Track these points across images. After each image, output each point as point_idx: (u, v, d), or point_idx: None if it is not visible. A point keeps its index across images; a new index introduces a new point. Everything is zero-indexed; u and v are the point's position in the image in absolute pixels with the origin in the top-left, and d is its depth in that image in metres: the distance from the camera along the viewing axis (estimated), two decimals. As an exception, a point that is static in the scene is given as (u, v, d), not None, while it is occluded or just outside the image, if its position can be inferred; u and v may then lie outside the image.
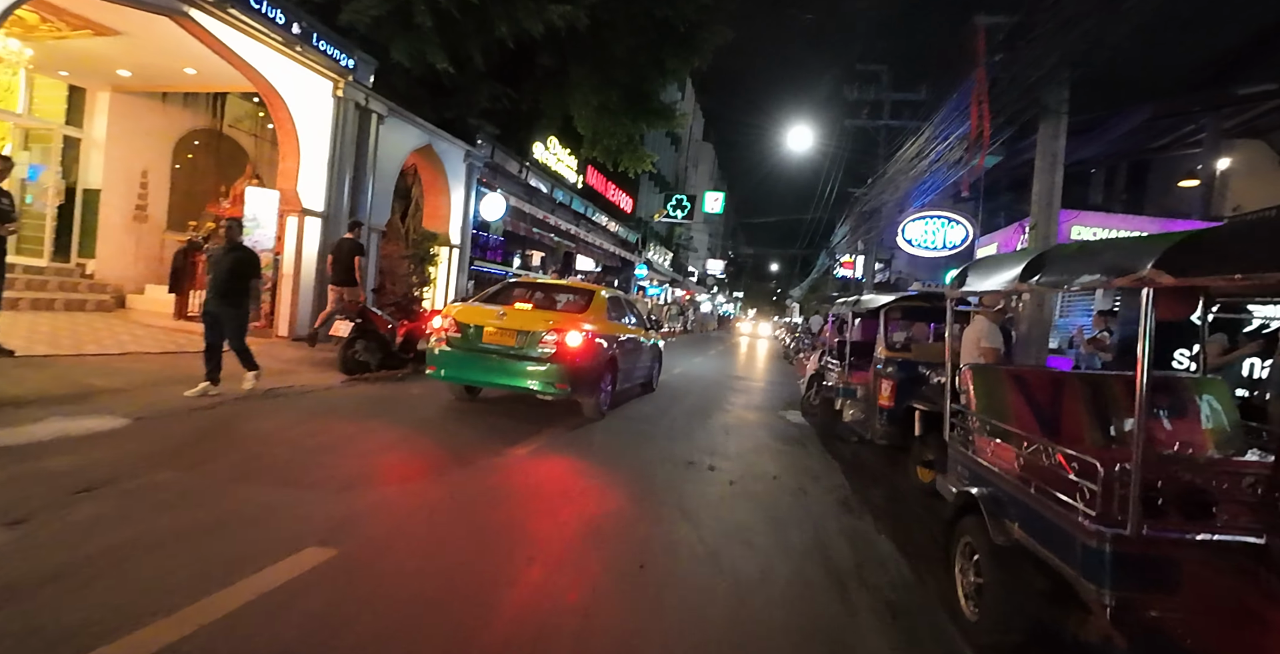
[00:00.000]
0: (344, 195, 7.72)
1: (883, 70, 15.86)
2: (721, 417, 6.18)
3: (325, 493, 2.77)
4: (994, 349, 3.67)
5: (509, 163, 12.45)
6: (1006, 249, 8.38)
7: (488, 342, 4.59)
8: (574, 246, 17.36)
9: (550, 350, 4.49)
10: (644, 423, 5.31)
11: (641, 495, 3.32)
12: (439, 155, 9.84)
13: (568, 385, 4.54)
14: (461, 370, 4.70)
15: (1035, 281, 2.08)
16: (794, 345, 16.47)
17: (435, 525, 2.55)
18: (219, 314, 4.40)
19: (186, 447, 3.24)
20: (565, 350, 4.49)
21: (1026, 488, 1.94)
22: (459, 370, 4.70)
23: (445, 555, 2.28)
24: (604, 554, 2.49)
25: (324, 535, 2.27)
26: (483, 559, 2.27)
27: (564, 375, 4.49)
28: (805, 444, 5.20)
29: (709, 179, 40.30)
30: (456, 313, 4.82)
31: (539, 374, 4.49)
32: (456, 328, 4.68)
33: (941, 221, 10.07)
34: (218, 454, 3.18)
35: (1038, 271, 2.09)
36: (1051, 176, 6.09)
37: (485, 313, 4.73)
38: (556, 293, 5.69)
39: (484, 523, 2.65)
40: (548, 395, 4.65)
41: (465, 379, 4.86)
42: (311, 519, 2.44)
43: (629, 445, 4.48)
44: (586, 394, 4.82)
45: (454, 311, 4.88)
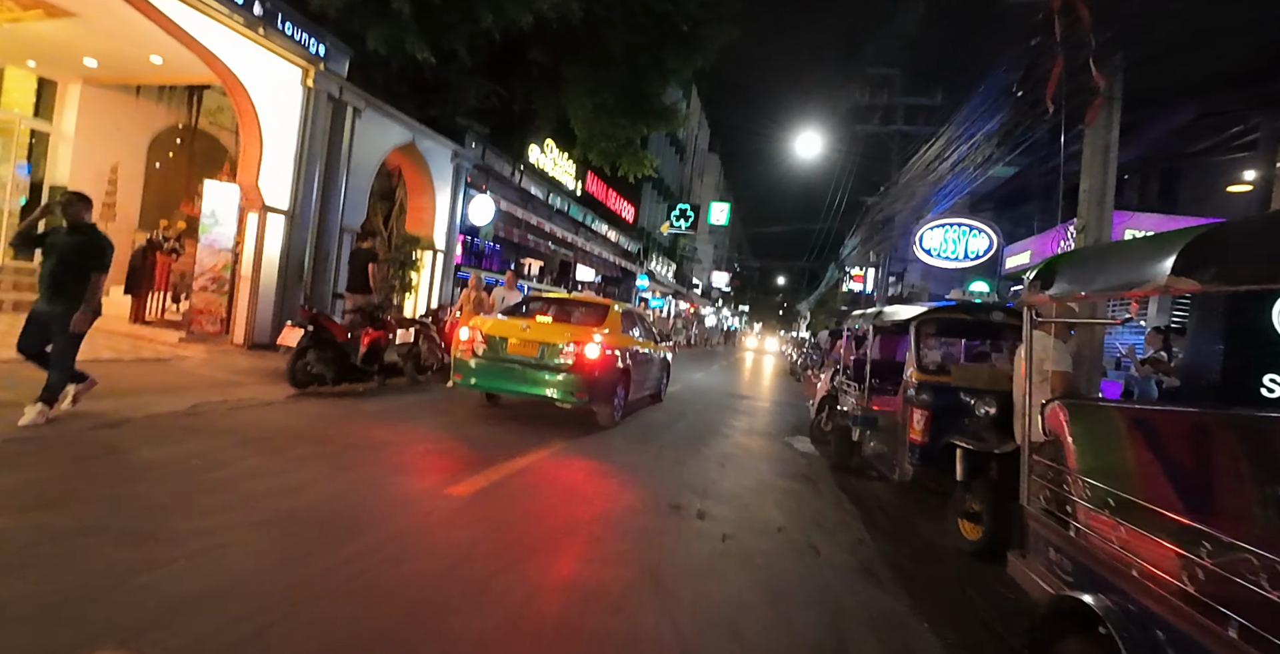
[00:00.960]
0: (313, 192, 7.10)
1: (895, 74, 15.30)
2: (719, 444, 5.38)
3: (179, 558, 2.01)
4: (1065, 375, 2.88)
5: (501, 165, 11.89)
6: (1043, 256, 7.58)
7: (511, 353, 4.93)
8: (572, 255, 16.74)
9: (569, 362, 4.77)
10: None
11: (605, 557, 2.54)
12: (423, 154, 9.27)
13: (585, 394, 4.82)
14: (487, 379, 5.03)
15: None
16: (801, 361, 15.62)
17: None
18: (47, 315, 3.32)
19: (32, 484, 2.51)
20: (583, 362, 4.77)
21: (1207, 618, 1.15)
22: (484, 379, 5.03)
23: None
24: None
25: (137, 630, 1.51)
26: None
27: (582, 385, 4.77)
28: (815, 481, 4.39)
29: (715, 190, 39.87)
30: (483, 326, 5.15)
31: (559, 384, 4.79)
32: (483, 340, 5.02)
33: (963, 230, 9.31)
34: (66, 494, 2.44)
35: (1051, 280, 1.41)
36: (1104, 172, 5.35)
37: (510, 326, 5.10)
38: (574, 307, 5.88)
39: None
40: (567, 404, 4.89)
41: (490, 387, 5.15)
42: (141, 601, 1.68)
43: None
44: (602, 403, 5.07)
45: (481, 325, 5.21)
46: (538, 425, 5.09)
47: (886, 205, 14.21)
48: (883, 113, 15.30)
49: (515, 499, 3.16)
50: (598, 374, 4.84)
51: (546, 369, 4.83)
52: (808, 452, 5.55)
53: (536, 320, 5.28)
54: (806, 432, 6.51)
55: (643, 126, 12.32)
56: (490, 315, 5.91)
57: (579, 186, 16.03)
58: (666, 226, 23.59)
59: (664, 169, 27.16)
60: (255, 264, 6.56)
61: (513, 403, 6.05)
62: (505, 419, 5.24)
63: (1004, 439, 3.11)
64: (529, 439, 4.50)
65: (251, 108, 6.32)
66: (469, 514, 2.86)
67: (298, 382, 5.25)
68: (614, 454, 4.47)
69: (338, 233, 7.56)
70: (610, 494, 3.47)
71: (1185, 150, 10.60)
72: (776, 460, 4.99)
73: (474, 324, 5.35)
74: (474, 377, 5.01)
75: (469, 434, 4.49)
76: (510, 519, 2.84)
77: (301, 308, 5.52)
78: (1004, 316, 3.46)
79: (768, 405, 8.87)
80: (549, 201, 14.23)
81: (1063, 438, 1.74)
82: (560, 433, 4.82)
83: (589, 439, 4.79)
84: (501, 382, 4.99)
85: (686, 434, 5.64)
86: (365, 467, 3.35)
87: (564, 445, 4.46)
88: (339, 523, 2.52)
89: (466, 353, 5.06)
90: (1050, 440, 1.82)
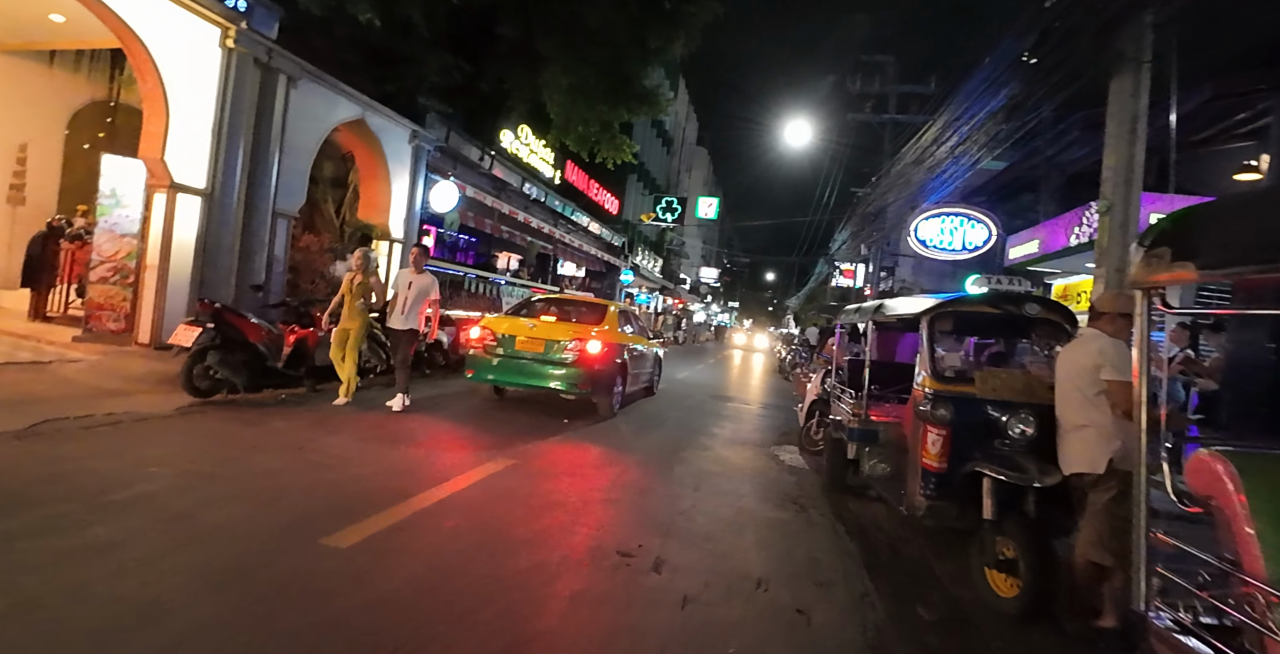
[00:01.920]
0: (237, 171, 6.22)
1: (889, 61, 14.64)
2: (695, 458, 4.65)
3: None
4: (1126, 386, 2.20)
5: (469, 150, 11.01)
6: (1053, 245, 6.92)
7: (520, 349, 5.31)
8: (551, 248, 15.91)
9: (573, 356, 5.17)
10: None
11: (517, 645, 1.79)
12: (375, 134, 8.39)
13: (588, 386, 5.25)
14: (498, 374, 5.39)
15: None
16: (790, 359, 14.98)
17: None
18: None
19: None
20: (586, 356, 5.19)
21: None
22: (495, 373, 5.40)
23: None
24: None
25: None
26: None
27: (585, 378, 5.19)
28: (806, 507, 3.67)
29: (703, 185, 39.15)
30: (493, 324, 5.56)
31: (563, 377, 5.20)
32: (493, 337, 5.39)
33: (960, 219, 8.70)
34: None
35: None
36: (1130, 145, 4.69)
37: (517, 324, 5.50)
38: (576, 306, 6.29)
39: None
40: (571, 395, 5.36)
41: (501, 381, 5.52)
42: None
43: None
44: (603, 394, 5.48)
45: (490, 324, 5.59)
46: (478, 441, 4.33)
47: (878, 196, 13.58)
48: (875, 101, 14.65)
49: (403, 556, 2.40)
50: (599, 368, 5.28)
51: (552, 364, 5.24)
52: (796, 466, 4.84)
53: (541, 319, 5.67)
54: (795, 440, 5.82)
55: (623, 111, 11.52)
56: (396, 303, 5.01)
57: (557, 175, 15.18)
58: (650, 216, 22.80)
59: (650, 161, 26.35)
60: (164, 251, 5.69)
61: (463, 414, 5.29)
62: (440, 434, 4.47)
63: (1045, 467, 2.43)
64: (458, 464, 3.74)
65: (152, 68, 5.43)
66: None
67: (197, 389, 4.43)
68: (559, 481, 3.72)
69: (269, 218, 6.69)
70: (546, 538, 2.72)
71: (1185, 140, 10.10)
72: (760, 479, 4.27)
73: (485, 323, 5.65)
74: (487, 372, 5.39)
75: (389, 457, 3.71)
76: (400, 585, 2.08)
77: (201, 301, 4.68)
78: (1041, 309, 2.77)
79: (754, 409, 8.18)
80: (524, 190, 13.37)
81: (1227, 511, 1.04)
82: (500, 451, 4.06)
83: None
84: (511, 376, 5.37)
85: (660, 447, 4.90)
86: (209, 534, 2.56)
87: (507, 466, 3.70)
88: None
89: (479, 350, 5.41)
90: (1194, 505, 1.12)
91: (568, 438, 4.81)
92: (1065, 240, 6.52)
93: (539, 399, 6.29)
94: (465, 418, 5.11)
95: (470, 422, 4.99)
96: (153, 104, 5.58)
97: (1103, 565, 2.24)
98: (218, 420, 4.02)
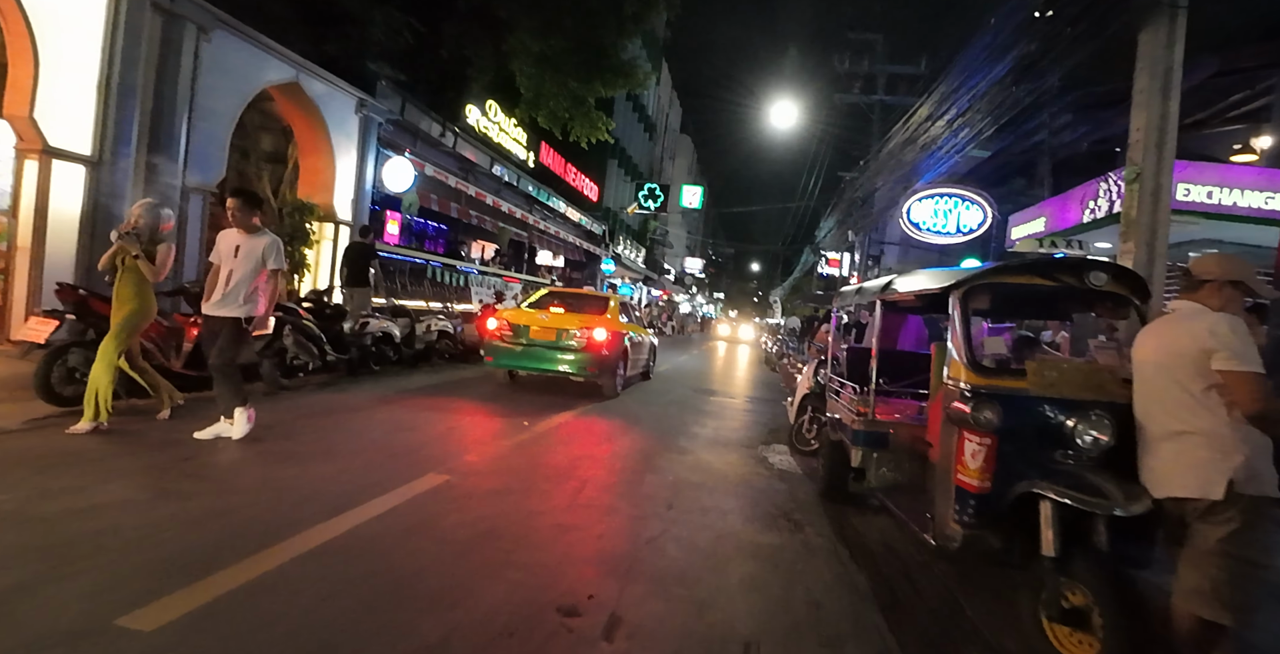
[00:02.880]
0: (131, 135, 5.31)
1: (878, 40, 14.03)
2: (672, 464, 3.99)
3: None
4: (1252, 378, 1.59)
5: (429, 125, 10.09)
6: (1063, 223, 6.37)
7: (534, 338, 5.86)
8: (526, 235, 15.05)
9: (582, 344, 5.76)
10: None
11: None
12: (314, 101, 7.47)
13: (595, 369, 5.87)
14: (515, 360, 5.94)
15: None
16: (776, 349, 14.46)
17: None
18: None
19: None
20: (593, 343, 5.79)
21: None
22: (512, 360, 5.95)
23: None
24: None
25: None
26: None
27: (592, 362, 5.79)
28: (801, 525, 3.04)
29: (687, 173, 38.40)
30: (509, 316, 6.10)
31: (573, 361, 5.77)
32: (509, 327, 5.95)
33: (955, 201, 8.16)
34: None
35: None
36: (1164, 102, 4.11)
37: (531, 315, 6.06)
38: (582, 299, 7.04)
39: None
40: (580, 378, 6.00)
41: (517, 366, 6.08)
42: None
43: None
44: (608, 377, 6.07)
45: (507, 315, 6.16)
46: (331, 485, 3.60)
47: (866, 181, 13.03)
48: (863, 81, 14.05)
49: (236, 640, 1.68)
50: (605, 353, 5.86)
51: (563, 350, 5.81)
52: (787, 469, 4.22)
53: (551, 311, 6.24)
54: (783, 436, 5.21)
55: (598, 84, 10.70)
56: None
57: (531, 157, 14.29)
58: (634, 208, 22.02)
59: (631, 146, 25.49)
60: (38, 230, 4.79)
61: (414, 414, 4.57)
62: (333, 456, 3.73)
63: (1129, 488, 1.81)
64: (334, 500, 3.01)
65: (15, 7, 4.48)
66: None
67: (58, 396, 3.59)
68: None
69: (179, 192, 5.78)
70: (465, 590, 2.02)
71: (1182, 121, 9.74)
72: (746, 489, 3.63)
73: (500, 315, 6.31)
74: (504, 358, 5.98)
75: (283, 479, 2.96)
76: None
77: (59, 286, 3.81)
78: (1108, 279, 2.13)
79: (739, 403, 7.57)
80: (493, 172, 12.47)
81: None
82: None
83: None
84: (527, 361, 5.93)
85: (631, 451, 4.23)
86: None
87: (440, 483, 2.98)
88: None
89: (497, 339, 6.00)
90: None
91: (523, 444, 4.11)
92: (1078, 216, 5.98)
93: (523, 390, 5.58)
94: (412, 417, 4.37)
95: (415, 424, 4.25)
96: (16, 47, 4.63)
97: (1215, 624, 1.64)
98: (73, 436, 3.21)
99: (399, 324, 7.30)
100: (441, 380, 6.65)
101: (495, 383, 6.85)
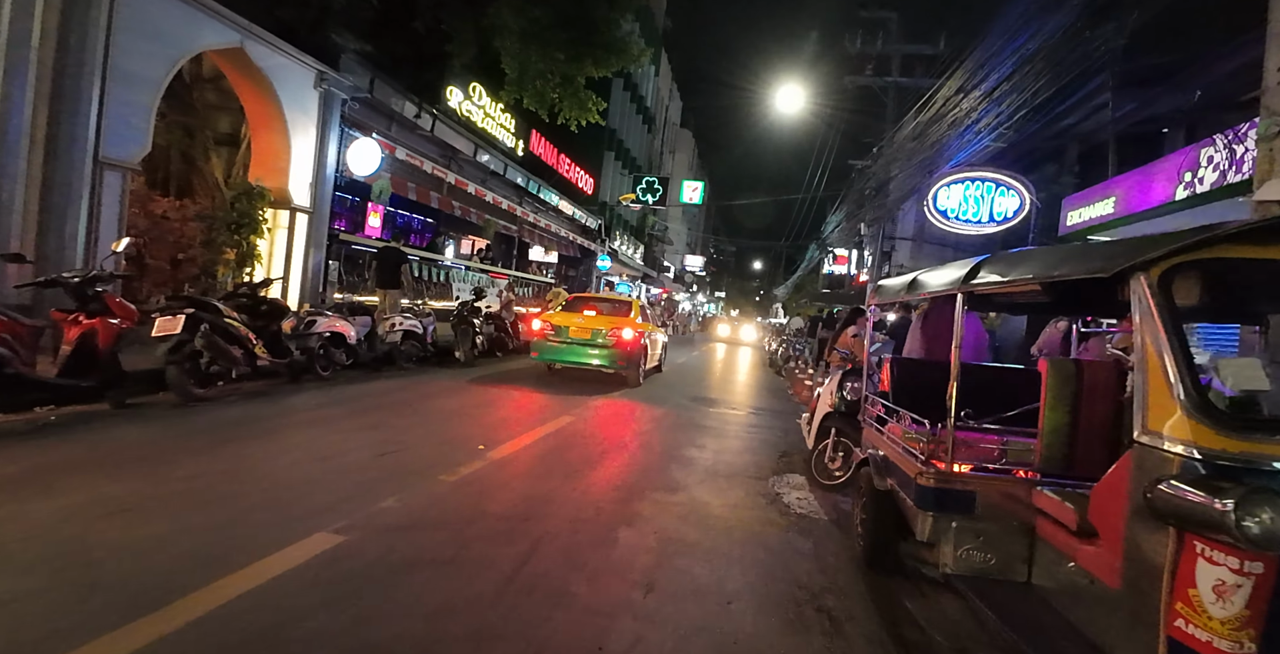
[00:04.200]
0: (22, 96, 4.46)
1: (892, 18, 13.06)
2: (658, 510, 3.10)
3: None
4: None
5: (403, 105, 9.19)
6: (1143, 203, 5.19)
7: (573, 336, 7.06)
8: (516, 228, 14.15)
9: (613, 341, 6.96)
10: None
11: None
12: (264, 72, 6.59)
13: (624, 363, 7.06)
14: (556, 354, 7.13)
15: None
16: (782, 351, 13.53)
17: None
18: None
19: None
20: (621, 341, 6.99)
21: None
22: (555, 355, 7.14)
23: None
24: None
25: None
26: None
27: (620, 357, 6.99)
28: (838, 618, 2.13)
29: (688, 169, 37.42)
30: (551, 318, 7.32)
31: (605, 356, 6.96)
32: (552, 328, 7.14)
33: (989, 186, 7.24)
34: None
35: None
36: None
37: (570, 317, 7.29)
38: (610, 303, 8.15)
39: None
40: (610, 370, 7.16)
41: (559, 360, 7.20)
42: None
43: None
44: (632, 369, 7.24)
45: (549, 318, 7.36)
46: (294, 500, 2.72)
47: (880, 168, 12.10)
48: (876, 62, 13.09)
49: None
50: (630, 349, 6.93)
51: (596, 347, 6.85)
52: (809, 513, 3.31)
53: (584, 313, 7.36)
54: (799, 464, 4.32)
55: (588, 63, 9.80)
56: None
57: (520, 146, 13.39)
58: (630, 197, 21.09)
59: (629, 139, 24.56)
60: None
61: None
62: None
63: None
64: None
65: None
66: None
67: None
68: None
69: (89, 167, 4.92)
70: None
71: (1237, 97, 8.76)
72: (758, 550, 2.73)
73: (545, 317, 7.42)
74: (549, 354, 7.03)
75: (100, 557, 2.09)
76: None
77: None
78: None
79: (743, 416, 6.67)
80: (478, 159, 11.58)
81: None
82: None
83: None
84: (566, 355, 6.95)
85: (607, 490, 3.34)
86: None
87: (338, 544, 2.11)
88: None
89: (543, 338, 7.04)
90: None
91: (469, 480, 3.23)
92: (1167, 193, 4.93)
93: (490, 401, 4.71)
94: (339, 441, 3.49)
95: (338, 450, 3.37)
96: None
97: None
98: None
99: (355, 323, 6.44)
100: (399, 388, 5.78)
101: (460, 389, 5.98)
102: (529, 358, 7.39)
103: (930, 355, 3.63)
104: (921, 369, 2.64)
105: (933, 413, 2.26)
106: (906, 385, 2.62)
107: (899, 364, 2.77)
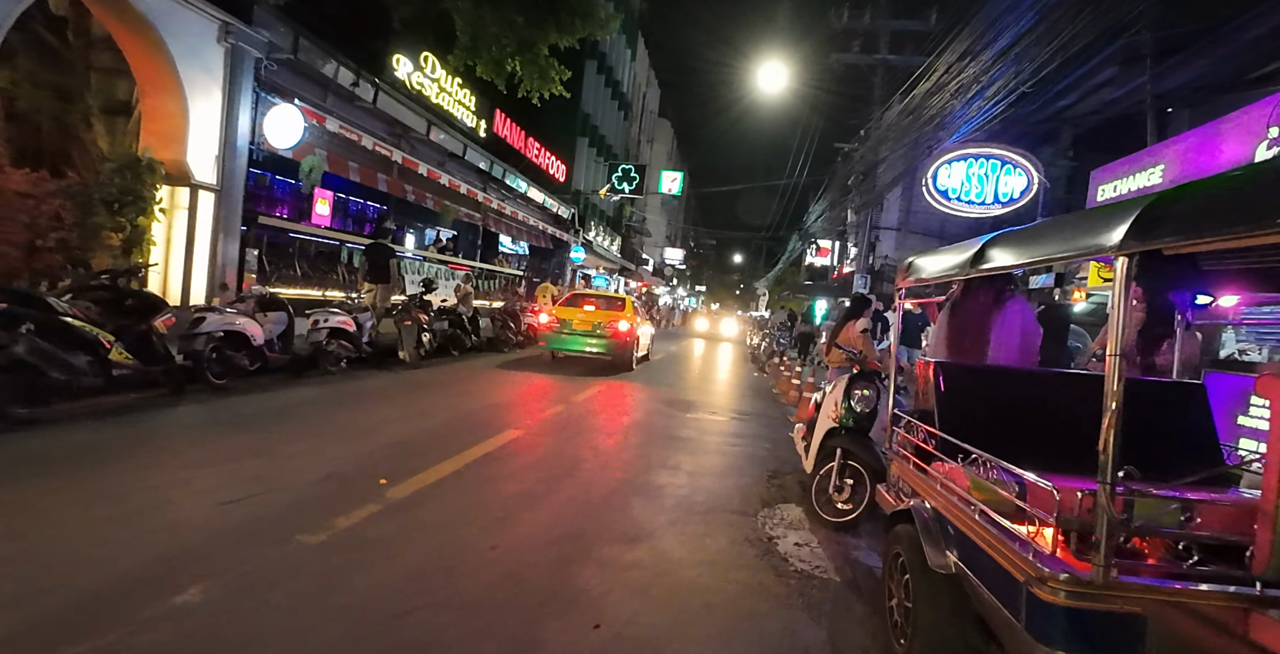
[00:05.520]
0: None
1: (877, -9, 12.32)
2: (609, 576, 2.23)
3: None
4: None
5: (336, 70, 8.03)
6: (1210, 166, 4.19)
7: (576, 327, 8.15)
8: (479, 216, 13.04)
9: (610, 332, 8.05)
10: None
11: None
12: (145, 17, 5.44)
13: (620, 351, 8.19)
14: (561, 343, 8.21)
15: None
16: (765, 346, 12.79)
17: None
18: None
19: None
20: (617, 332, 8.09)
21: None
22: (560, 344, 8.23)
23: None
24: None
25: None
26: None
27: (616, 345, 8.10)
28: None
29: (666, 159, 36.48)
30: (557, 312, 8.47)
31: (603, 345, 8.05)
32: (558, 320, 8.25)
33: (994, 163, 6.53)
34: None
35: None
36: None
37: (573, 311, 8.42)
38: (606, 299, 9.43)
39: None
40: (607, 357, 8.26)
41: (563, 348, 8.29)
42: None
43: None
44: (626, 357, 8.40)
45: (556, 312, 8.51)
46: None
47: (868, 150, 11.38)
48: (863, 39, 12.36)
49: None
50: (625, 339, 8.21)
51: (596, 337, 8.10)
52: (812, 571, 2.47)
53: (584, 308, 8.58)
54: (793, 489, 3.51)
55: (550, 28, 8.79)
56: None
57: (482, 126, 12.28)
58: (606, 190, 20.08)
59: (605, 125, 23.45)
60: None
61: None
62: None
63: None
64: None
65: None
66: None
67: None
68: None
69: None
70: None
71: (1245, 75, 8.24)
72: (747, 647, 1.89)
73: (550, 311, 8.90)
74: (555, 343, 8.27)
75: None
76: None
77: None
78: None
79: (725, 422, 5.84)
80: (431, 137, 10.46)
81: None
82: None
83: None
84: (569, 344, 8.18)
85: (541, 543, 2.45)
86: None
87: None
88: None
89: (549, 329, 8.30)
90: None
91: (348, 540, 2.31)
92: (1245, 153, 3.99)
93: (415, 414, 3.76)
94: (182, 482, 2.53)
95: (169, 499, 2.41)
96: None
97: None
98: None
99: (267, 321, 5.40)
100: (312, 399, 4.79)
101: (390, 397, 5.03)
102: (490, 355, 8.13)
103: (956, 355, 2.84)
104: (982, 378, 1.83)
105: (1008, 448, 1.45)
106: (960, 402, 1.79)
107: (946, 372, 1.92)
